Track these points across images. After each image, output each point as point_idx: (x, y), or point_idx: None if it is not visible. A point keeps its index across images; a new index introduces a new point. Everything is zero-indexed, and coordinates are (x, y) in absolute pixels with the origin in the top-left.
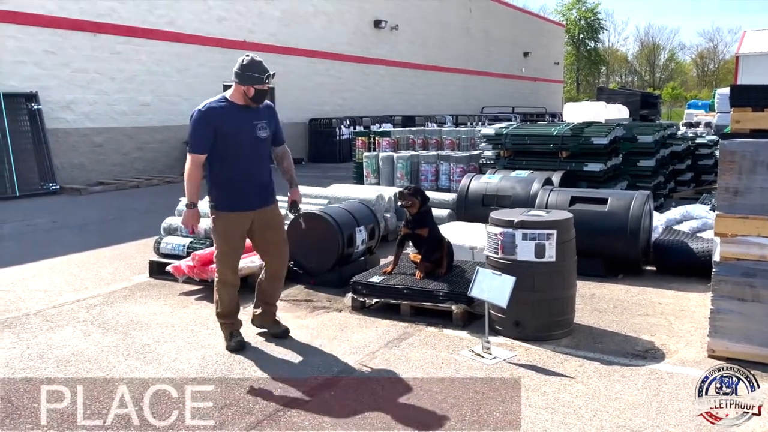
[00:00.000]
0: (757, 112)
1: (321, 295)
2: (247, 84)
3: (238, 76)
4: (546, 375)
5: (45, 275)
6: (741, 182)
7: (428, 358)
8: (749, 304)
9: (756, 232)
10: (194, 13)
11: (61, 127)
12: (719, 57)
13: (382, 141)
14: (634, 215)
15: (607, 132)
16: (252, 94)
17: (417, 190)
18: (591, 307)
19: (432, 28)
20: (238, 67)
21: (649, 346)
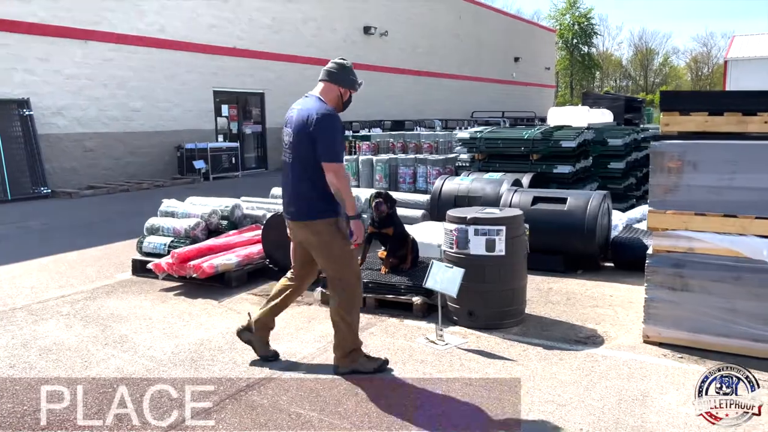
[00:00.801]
0: (684, 116)
1: None
2: (348, 87)
3: (339, 77)
4: (491, 359)
5: (33, 274)
6: (670, 180)
7: (386, 345)
8: (679, 293)
9: (684, 226)
10: (184, 21)
11: (52, 133)
12: (713, 61)
13: (362, 145)
14: (591, 214)
15: (575, 135)
16: (347, 97)
17: (388, 197)
18: (546, 299)
19: (422, 34)
20: (337, 67)
21: (592, 334)
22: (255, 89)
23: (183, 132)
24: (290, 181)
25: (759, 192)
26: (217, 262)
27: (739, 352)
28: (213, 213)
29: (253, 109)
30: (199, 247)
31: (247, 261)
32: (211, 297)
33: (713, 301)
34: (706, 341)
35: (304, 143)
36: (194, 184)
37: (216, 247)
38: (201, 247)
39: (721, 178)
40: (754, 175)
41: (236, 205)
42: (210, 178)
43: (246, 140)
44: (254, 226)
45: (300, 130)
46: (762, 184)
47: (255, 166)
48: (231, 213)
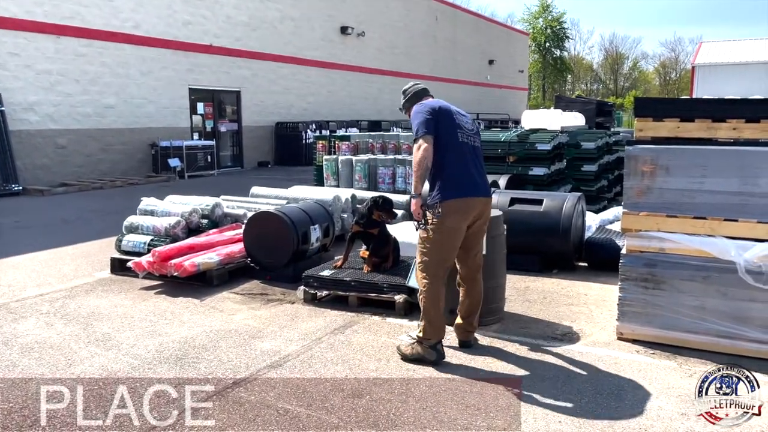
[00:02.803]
0: (657, 122)
1: (276, 289)
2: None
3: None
4: (471, 355)
5: (8, 272)
6: (643, 183)
7: (369, 342)
8: (651, 291)
9: (656, 227)
10: (159, 17)
11: (24, 129)
12: (681, 66)
13: (342, 145)
14: (566, 215)
15: (550, 138)
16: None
17: (387, 201)
18: (523, 298)
19: (398, 35)
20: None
21: (568, 331)
22: (231, 87)
23: (157, 129)
24: (480, 161)
25: (727, 195)
26: (198, 260)
27: (708, 348)
28: (193, 212)
29: (228, 107)
30: (180, 245)
31: (228, 260)
32: (192, 296)
33: (684, 299)
34: (677, 338)
35: (479, 136)
36: (169, 183)
37: (197, 246)
38: (182, 246)
39: (692, 181)
40: (722, 179)
41: (216, 204)
42: (185, 177)
43: (221, 138)
44: (235, 225)
45: (473, 126)
46: (730, 188)
47: (231, 164)
48: (211, 212)
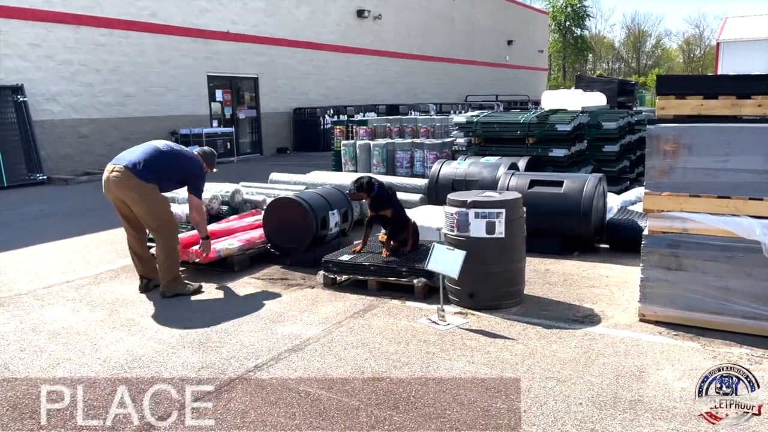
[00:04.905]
0: (679, 100)
1: (296, 274)
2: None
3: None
4: (492, 338)
5: (34, 260)
6: (665, 163)
7: (389, 326)
8: (674, 272)
9: (679, 207)
10: (177, 5)
11: (47, 119)
12: (705, 43)
13: (359, 129)
14: (587, 196)
15: (570, 119)
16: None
17: (362, 185)
18: (544, 280)
19: (415, 18)
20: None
21: (589, 313)
22: (249, 74)
23: (177, 117)
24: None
25: (752, 173)
26: (219, 246)
27: (732, 329)
28: (213, 198)
29: (246, 94)
30: None
31: (248, 245)
32: (214, 281)
33: (707, 279)
34: (701, 319)
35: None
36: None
37: (217, 232)
38: None
39: (715, 160)
40: (747, 157)
41: (236, 190)
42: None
43: (240, 125)
44: (254, 211)
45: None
46: (755, 166)
47: (250, 151)
48: (231, 198)
